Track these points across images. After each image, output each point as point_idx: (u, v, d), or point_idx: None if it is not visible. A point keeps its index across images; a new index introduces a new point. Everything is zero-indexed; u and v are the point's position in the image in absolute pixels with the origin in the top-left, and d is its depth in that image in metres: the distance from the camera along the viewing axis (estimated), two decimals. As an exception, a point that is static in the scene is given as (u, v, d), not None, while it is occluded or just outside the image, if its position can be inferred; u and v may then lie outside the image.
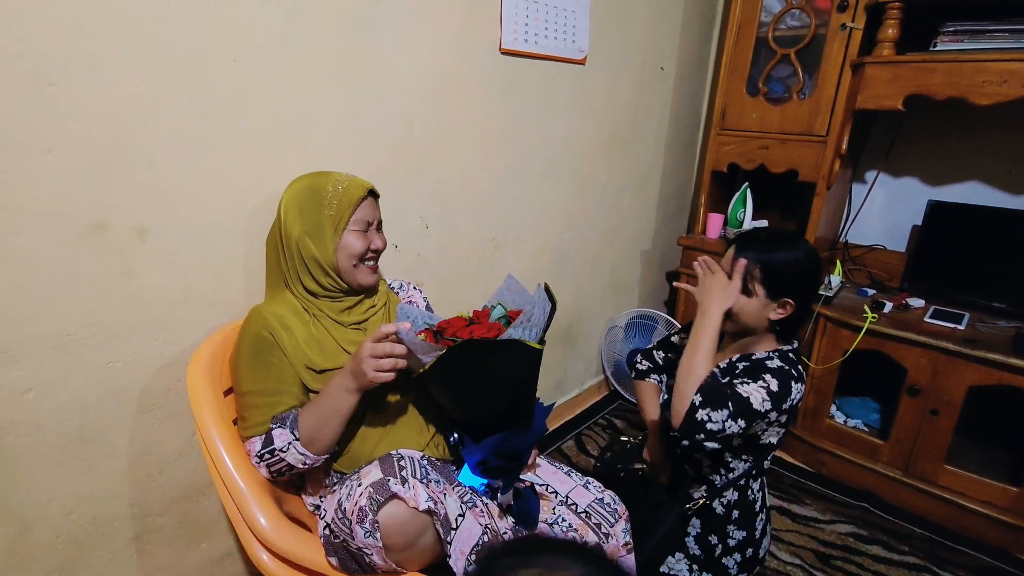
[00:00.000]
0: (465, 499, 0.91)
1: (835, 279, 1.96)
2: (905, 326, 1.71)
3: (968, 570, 1.58)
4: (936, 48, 1.64)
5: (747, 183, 2.15)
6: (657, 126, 2.30)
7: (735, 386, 1.07)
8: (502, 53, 1.56)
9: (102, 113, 0.93)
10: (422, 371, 0.88)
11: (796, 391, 1.10)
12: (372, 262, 1.07)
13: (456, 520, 0.85)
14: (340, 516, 0.82)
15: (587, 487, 1.14)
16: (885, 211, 2.14)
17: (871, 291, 1.98)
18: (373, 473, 0.83)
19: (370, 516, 0.78)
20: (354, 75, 1.26)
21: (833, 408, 2.00)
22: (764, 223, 2.22)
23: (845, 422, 1.97)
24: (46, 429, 0.99)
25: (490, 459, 0.93)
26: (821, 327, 1.88)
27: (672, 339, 1.46)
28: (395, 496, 0.80)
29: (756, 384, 1.07)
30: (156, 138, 1.00)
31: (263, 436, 0.95)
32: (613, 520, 1.10)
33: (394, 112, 1.37)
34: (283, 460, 0.93)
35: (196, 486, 1.21)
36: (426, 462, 0.89)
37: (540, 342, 0.93)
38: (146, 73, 0.96)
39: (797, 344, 1.22)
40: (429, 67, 1.41)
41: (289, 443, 0.92)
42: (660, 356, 1.47)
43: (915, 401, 1.71)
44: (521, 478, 1.05)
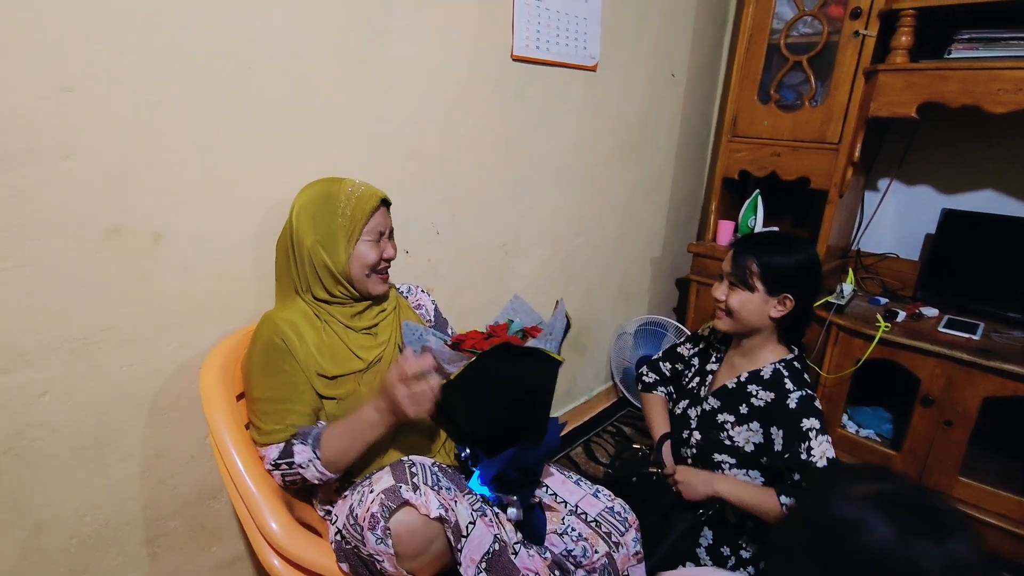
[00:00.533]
0: (476, 507, 0.90)
1: (847, 288, 1.95)
2: (919, 336, 1.69)
3: (983, 584, 1.56)
4: (950, 56, 1.63)
5: (758, 190, 2.14)
6: (668, 132, 2.30)
7: (799, 455, 1.10)
8: (514, 60, 1.57)
9: (119, 119, 0.94)
10: (446, 381, 0.88)
11: (818, 404, 1.13)
12: (384, 271, 1.07)
13: (467, 528, 0.84)
14: (352, 522, 0.82)
15: (597, 496, 1.14)
16: (898, 219, 2.13)
17: (884, 300, 1.97)
18: (385, 479, 0.83)
19: (382, 523, 0.78)
20: (367, 82, 1.27)
21: (845, 418, 1.98)
22: (775, 230, 2.21)
23: (857, 432, 1.95)
24: (61, 432, 0.99)
25: (507, 472, 0.93)
26: (833, 336, 1.86)
27: (679, 349, 1.46)
28: (407, 503, 0.80)
29: (813, 442, 1.09)
30: (172, 144, 1.01)
31: (280, 445, 0.95)
32: (624, 529, 1.09)
33: (406, 119, 1.37)
34: (299, 475, 0.94)
35: (207, 490, 1.22)
36: (437, 468, 0.89)
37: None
38: (163, 80, 0.97)
39: (798, 351, 1.22)
40: (441, 74, 1.42)
41: (310, 460, 0.93)
42: (667, 367, 1.46)
43: (929, 412, 1.69)
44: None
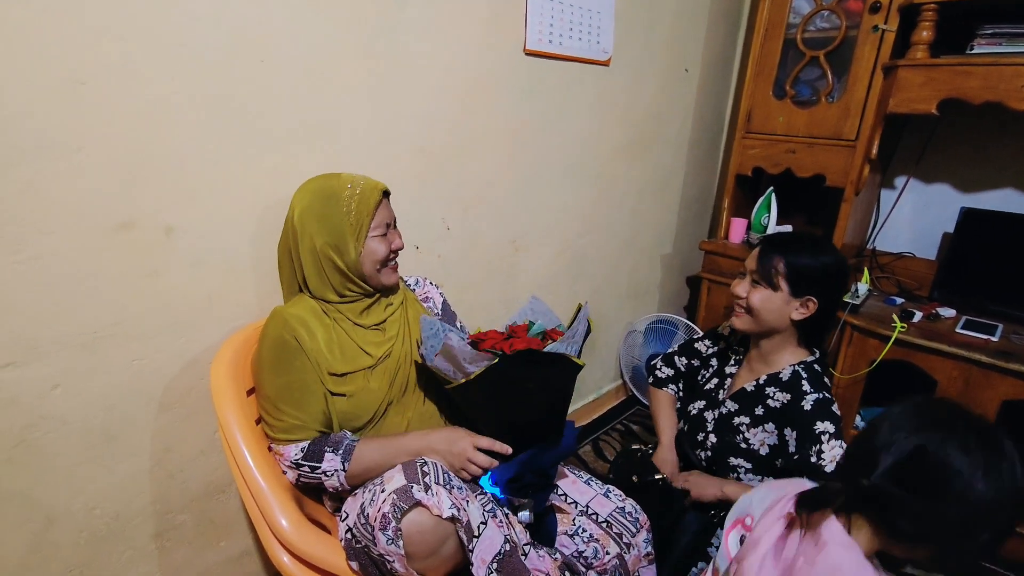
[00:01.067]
0: (487, 507, 0.90)
1: (862, 287, 1.92)
2: (936, 337, 1.66)
3: (999, 590, 1.53)
4: (972, 51, 1.60)
5: (772, 187, 2.11)
6: (680, 128, 2.27)
7: (808, 458, 1.08)
8: (526, 54, 1.55)
9: (132, 113, 0.93)
10: (465, 380, 0.87)
11: (836, 410, 1.11)
12: (393, 262, 1.07)
13: (478, 528, 0.84)
14: (363, 522, 0.82)
15: (608, 496, 1.13)
16: (914, 218, 2.09)
17: (899, 300, 1.93)
18: (396, 479, 0.82)
19: (393, 523, 0.77)
20: (379, 76, 1.26)
21: (858, 419, 1.95)
22: (788, 228, 2.18)
23: (870, 433, 1.92)
24: (72, 425, 0.99)
25: (525, 475, 0.92)
26: (847, 336, 1.83)
27: (696, 345, 1.44)
28: (419, 503, 0.79)
29: (824, 446, 1.07)
30: (184, 138, 1.00)
31: (303, 445, 0.95)
32: (635, 530, 1.08)
33: (417, 113, 1.36)
34: (320, 480, 0.95)
35: (216, 484, 1.22)
36: (450, 471, 0.88)
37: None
38: (176, 74, 0.97)
39: (819, 353, 1.20)
40: (453, 68, 1.40)
41: (335, 471, 0.94)
42: (683, 362, 1.44)
43: (945, 414, 1.66)
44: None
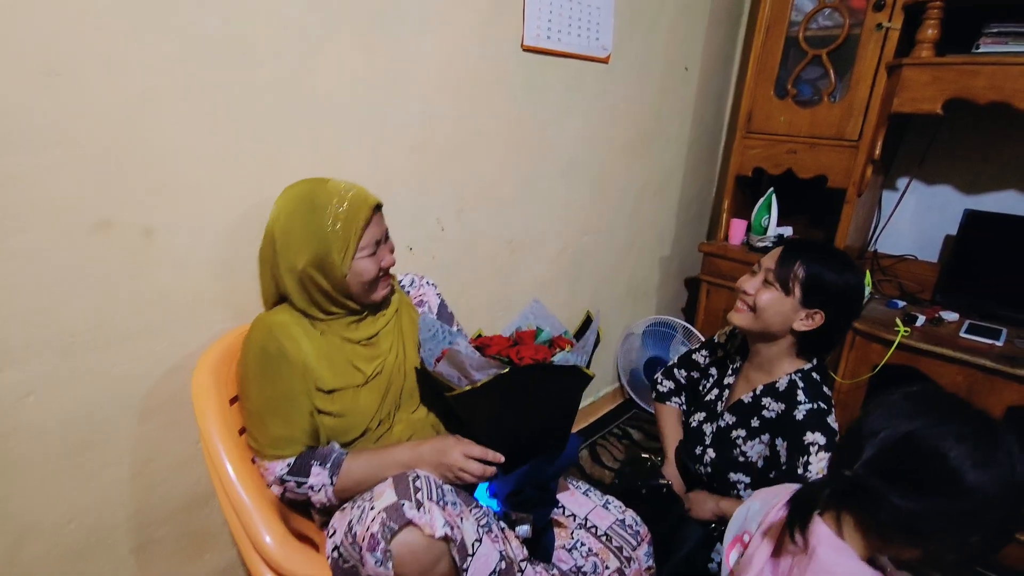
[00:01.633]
0: (482, 523, 0.85)
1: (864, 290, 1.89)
2: (939, 341, 1.63)
3: (1004, 599, 1.50)
4: (979, 50, 1.57)
5: (772, 188, 2.08)
6: (680, 127, 2.23)
7: (795, 469, 1.04)
8: (524, 50, 1.51)
9: (110, 107, 0.89)
10: (470, 388, 0.83)
11: (833, 422, 1.06)
12: (385, 277, 1.00)
13: (473, 546, 0.79)
14: (350, 541, 0.77)
15: (607, 508, 1.09)
16: (917, 219, 2.06)
17: (901, 303, 1.91)
18: (387, 495, 0.77)
19: (382, 544, 0.73)
20: (372, 71, 1.21)
21: (859, 424, 1.92)
22: (789, 230, 2.15)
23: (872, 439, 1.89)
24: (47, 435, 0.95)
25: (526, 489, 0.88)
26: (849, 340, 1.80)
27: (694, 356, 1.40)
28: (410, 523, 0.75)
29: (812, 457, 1.03)
30: (166, 134, 0.95)
31: (288, 461, 0.90)
32: (636, 543, 1.04)
33: (412, 110, 1.32)
34: (307, 495, 0.90)
35: (200, 495, 1.17)
36: (443, 481, 0.84)
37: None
38: (157, 67, 0.92)
39: (817, 361, 1.16)
40: (449, 63, 1.36)
41: (323, 485, 0.89)
42: (682, 375, 1.41)
43: (949, 420, 1.63)
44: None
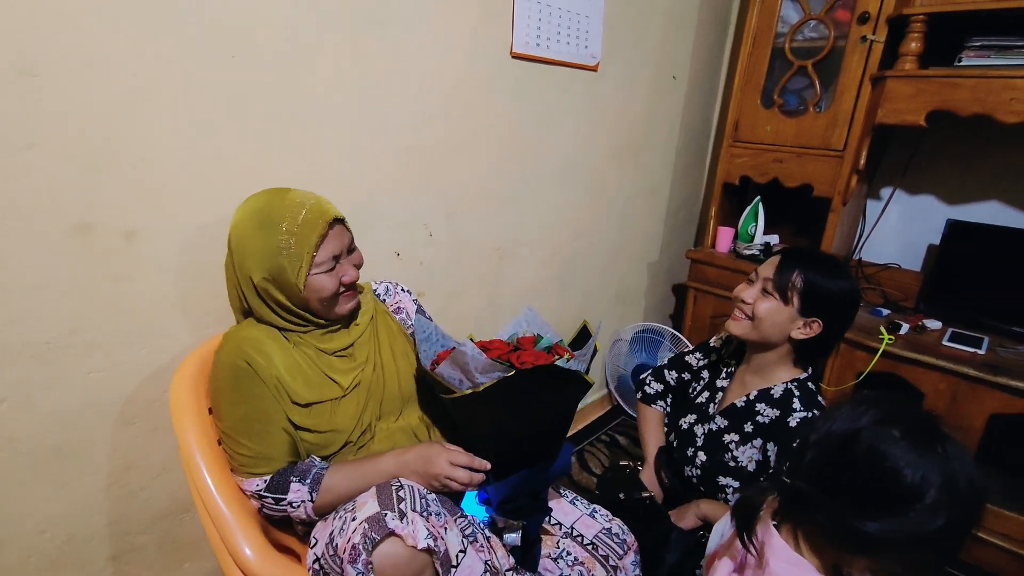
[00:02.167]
0: (467, 533, 0.84)
1: (849, 298, 1.90)
2: (923, 349, 1.65)
3: (985, 606, 1.52)
4: (961, 63, 1.59)
5: (759, 197, 2.09)
6: (668, 135, 2.25)
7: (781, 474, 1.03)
8: (513, 57, 1.51)
9: (90, 108, 0.87)
10: (472, 391, 0.82)
11: None
12: (348, 291, 0.96)
13: (457, 557, 0.78)
14: (331, 552, 0.76)
15: (594, 516, 1.08)
16: (900, 229, 2.09)
17: (886, 311, 1.93)
18: (369, 505, 0.76)
19: (363, 556, 0.71)
20: (361, 75, 1.21)
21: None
22: (775, 238, 2.17)
23: (856, 446, 1.90)
24: (21, 442, 0.93)
25: (520, 497, 0.88)
26: (835, 348, 1.81)
27: (687, 358, 1.40)
28: (392, 533, 0.73)
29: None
30: (148, 136, 0.94)
31: (267, 478, 0.88)
32: (622, 552, 1.03)
33: (400, 115, 1.31)
34: (286, 511, 0.88)
35: (180, 503, 1.15)
36: (427, 491, 0.83)
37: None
38: (139, 67, 0.91)
39: (812, 372, 1.17)
40: (438, 70, 1.36)
41: (303, 501, 0.87)
42: (673, 376, 1.41)
43: (932, 427, 1.65)
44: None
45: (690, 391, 1.36)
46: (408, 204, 1.40)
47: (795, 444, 1.02)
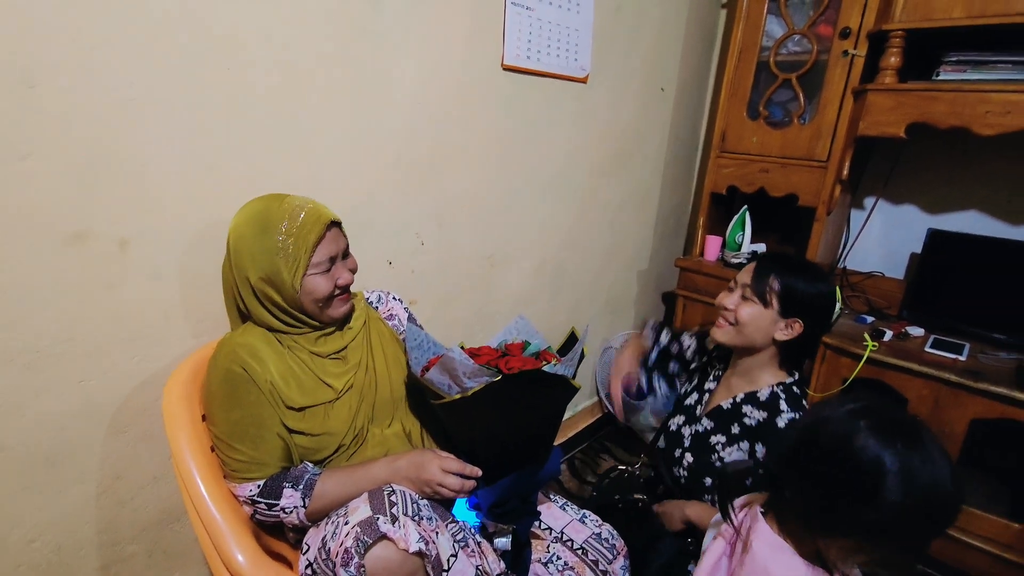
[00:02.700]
0: (458, 537, 0.85)
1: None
2: (906, 355, 1.68)
3: (970, 609, 1.54)
4: (939, 77, 1.64)
5: (746, 206, 2.13)
6: (657, 146, 2.28)
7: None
8: (504, 69, 1.54)
9: (87, 119, 0.88)
10: (460, 396, 0.84)
11: None
12: (342, 294, 0.98)
13: (448, 561, 0.79)
14: (324, 557, 0.76)
15: (583, 521, 1.09)
16: (883, 238, 2.13)
17: (870, 318, 1.96)
18: (362, 510, 0.77)
19: (356, 559, 0.72)
20: (353, 86, 1.23)
21: (831, 437, 1.96)
22: (763, 247, 2.20)
23: (843, 451, 1.93)
24: (10, 450, 0.92)
25: (510, 501, 0.89)
26: (820, 354, 1.84)
27: (682, 337, 1.40)
28: (384, 537, 0.74)
29: None
30: (144, 146, 0.95)
31: (260, 483, 0.89)
32: (611, 556, 1.05)
33: (392, 125, 1.33)
34: (279, 517, 0.89)
35: (171, 512, 1.15)
36: (419, 496, 0.83)
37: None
38: (136, 79, 0.92)
39: (798, 375, 1.20)
40: (430, 81, 1.38)
41: (295, 507, 0.87)
42: (665, 338, 1.41)
43: (916, 432, 1.67)
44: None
45: (680, 389, 1.38)
46: (400, 213, 1.41)
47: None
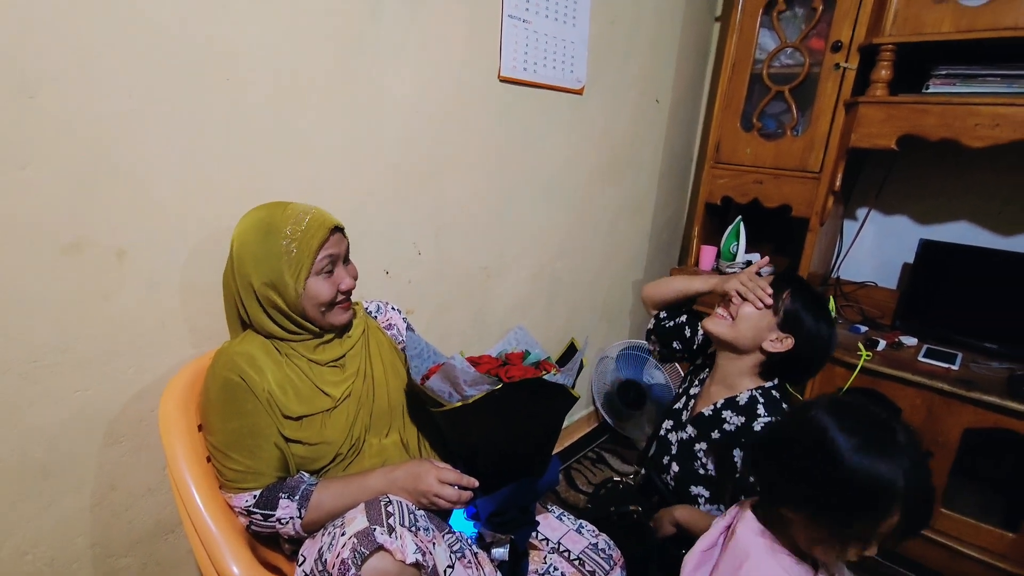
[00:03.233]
0: (455, 548, 0.85)
1: (828, 315, 1.95)
2: (899, 365, 1.70)
3: (966, 619, 1.54)
4: (928, 90, 1.67)
5: (740, 216, 2.15)
6: (652, 157, 2.30)
7: (747, 477, 1.05)
8: (501, 80, 1.55)
9: (85, 129, 0.89)
10: (461, 404, 0.84)
11: None
12: (344, 301, 0.98)
13: (445, 572, 0.79)
14: (320, 568, 0.76)
15: (580, 531, 1.09)
16: (876, 248, 2.15)
17: (863, 328, 1.97)
18: (358, 520, 0.77)
19: (352, 570, 0.72)
20: (352, 96, 1.24)
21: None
22: (757, 256, 2.22)
23: (838, 461, 1.93)
24: (4, 460, 0.92)
25: (509, 510, 0.89)
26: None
27: (698, 329, 1.40)
28: (381, 548, 0.74)
29: None
30: (142, 156, 0.96)
31: (256, 493, 0.88)
32: (608, 567, 1.05)
33: (390, 136, 1.34)
34: (275, 528, 0.88)
35: (165, 524, 1.14)
36: (415, 507, 0.83)
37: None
38: (135, 89, 0.93)
39: (777, 380, 1.20)
40: (427, 92, 1.39)
41: (291, 518, 0.87)
42: (687, 332, 1.41)
43: (910, 442, 1.68)
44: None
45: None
46: (397, 223, 1.42)
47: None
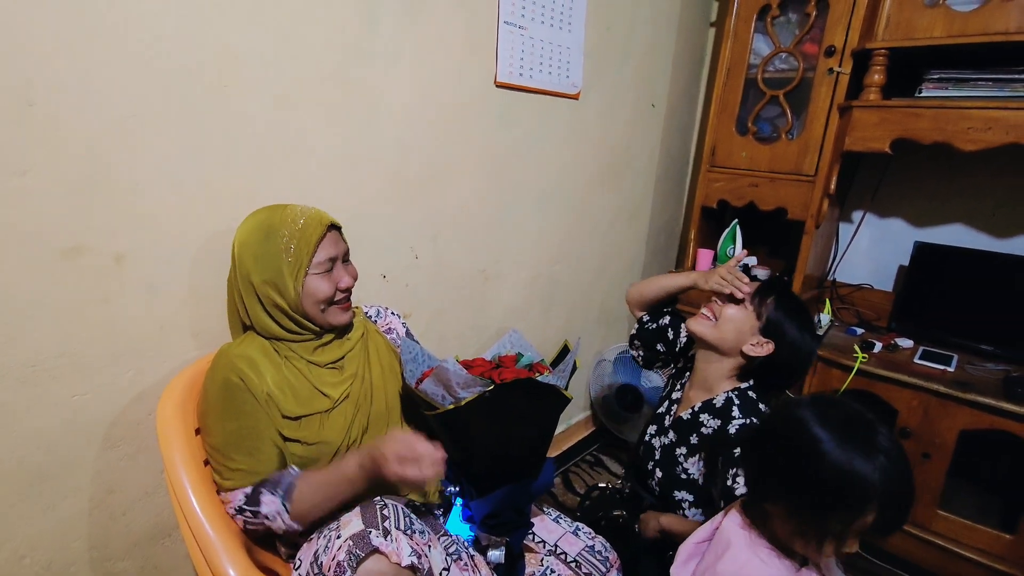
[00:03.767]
0: (451, 551, 0.86)
1: (824, 318, 1.96)
2: (895, 367, 1.70)
3: (963, 620, 1.54)
4: (921, 95, 1.68)
5: (736, 220, 2.16)
6: (648, 161, 2.32)
7: (725, 481, 1.05)
8: (497, 86, 1.56)
9: (84, 135, 0.90)
10: (454, 407, 0.84)
11: None
12: (343, 301, 1.00)
13: (440, 574, 0.79)
14: (316, 571, 0.76)
15: (577, 534, 1.10)
16: (871, 250, 2.16)
17: (860, 330, 1.98)
18: (354, 523, 0.77)
19: (348, 573, 0.72)
20: (349, 102, 1.25)
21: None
22: (754, 260, 2.23)
23: (835, 463, 1.93)
24: (2, 465, 0.92)
25: (504, 512, 0.89)
26: (812, 366, 1.86)
27: (680, 331, 1.41)
28: (376, 550, 0.74)
29: (740, 470, 1.04)
30: (140, 162, 0.96)
31: (247, 490, 0.89)
32: (605, 569, 1.05)
33: (387, 141, 1.35)
34: (265, 524, 0.88)
35: (163, 527, 1.14)
36: (411, 510, 0.84)
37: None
38: (133, 96, 0.93)
39: (753, 381, 1.20)
40: (424, 98, 1.40)
41: (277, 512, 0.87)
42: (670, 334, 1.42)
43: (906, 444, 1.69)
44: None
45: (657, 346, 1.42)
46: (394, 227, 1.43)
47: (734, 450, 1.06)
